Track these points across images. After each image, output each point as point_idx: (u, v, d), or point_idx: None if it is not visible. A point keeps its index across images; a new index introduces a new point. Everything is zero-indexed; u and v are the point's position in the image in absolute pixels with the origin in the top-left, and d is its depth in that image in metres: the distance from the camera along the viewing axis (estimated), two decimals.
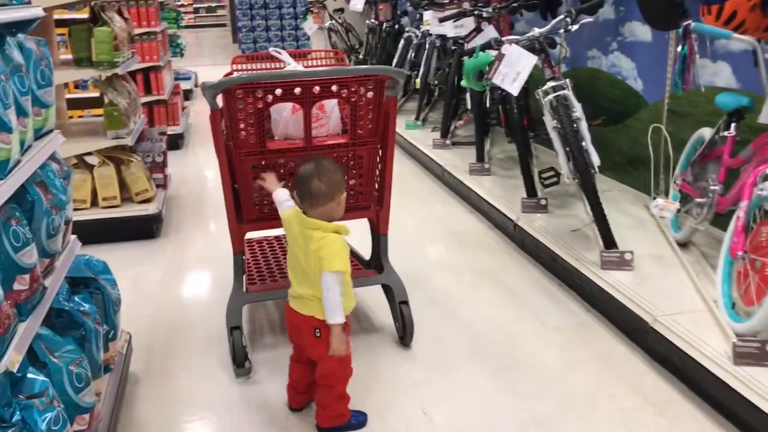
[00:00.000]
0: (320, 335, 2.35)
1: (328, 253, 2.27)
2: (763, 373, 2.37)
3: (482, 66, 3.80)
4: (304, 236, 2.36)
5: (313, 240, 2.31)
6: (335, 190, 2.36)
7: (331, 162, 2.45)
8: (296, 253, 2.40)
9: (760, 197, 2.61)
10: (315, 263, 2.30)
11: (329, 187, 2.35)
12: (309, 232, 2.34)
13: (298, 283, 2.41)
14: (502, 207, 4.29)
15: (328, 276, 2.27)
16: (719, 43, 3.56)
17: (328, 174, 2.35)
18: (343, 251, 2.30)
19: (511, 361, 2.90)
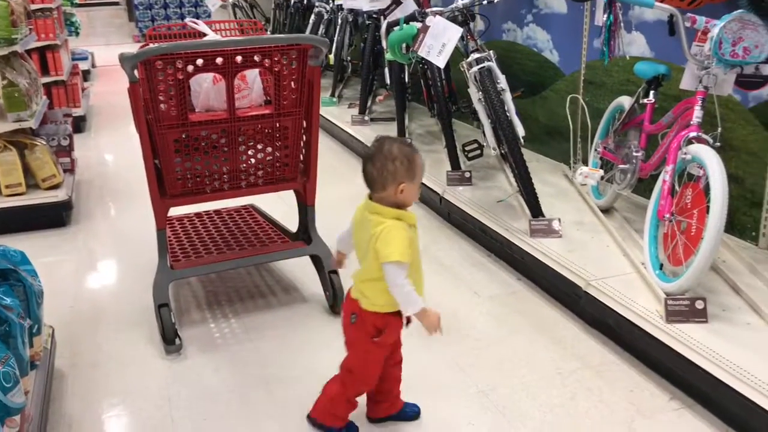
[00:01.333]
0: (354, 322, 2.15)
1: (384, 244, 2.00)
2: (694, 329, 2.46)
3: (407, 38, 3.75)
4: (363, 218, 2.12)
5: (370, 224, 2.06)
6: (388, 179, 2.01)
7: (399, 145, 2.04)
8: (354, 235, 2.19)
9: (684, 161, 2.69)
10: (371, 248, 2.05)
11: (381, 174, 2.02)
12: (368, 215, 2.08)
13: (360, 266, 2.18)
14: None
15: (387, 267, 2.00)
16: (634, 14, 3.66)
17: (382, 160, 2.02)
18: (402, 240, 2.01)
19: (448, 333, 2.89)
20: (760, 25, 2.58)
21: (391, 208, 2.05)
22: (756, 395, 2.11)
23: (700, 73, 2.72)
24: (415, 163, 2.04)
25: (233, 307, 3.14)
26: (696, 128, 2.68)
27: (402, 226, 2.03)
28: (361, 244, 2.14)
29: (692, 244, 2.55)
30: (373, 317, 2.11)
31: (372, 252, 2.04)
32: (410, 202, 2.09)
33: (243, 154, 2.87)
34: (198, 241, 3.27)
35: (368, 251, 2.07)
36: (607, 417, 2.34)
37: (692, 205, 2.62)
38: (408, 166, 2.02)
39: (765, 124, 3.00)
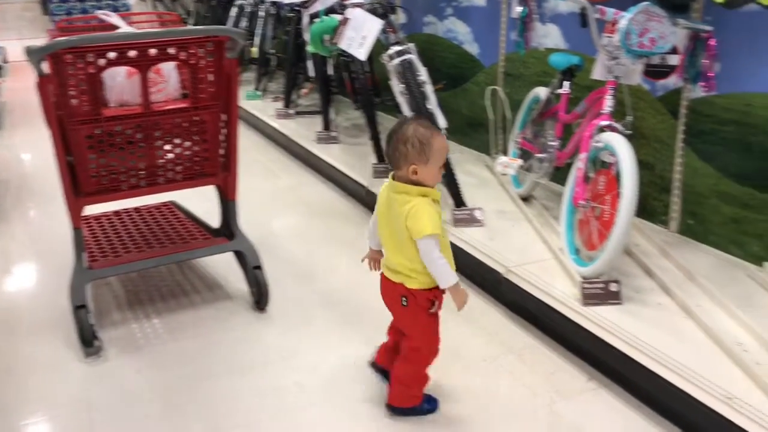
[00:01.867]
0: (407, 304, 2.20)
1: (414, 220, 2.06)
2: (609, 310, 2.55)
3: (328, 30, 3.74)
4: (389, 200, 2.17)
5: (397, 203, 2.12)
6: (400, 160, 2.10)
7: (415, 127, 2.10)
8: (382, 220, 2.23)
9: (596, 149, 2.79)
10: (402, 228, 2.11)
11: (394, 154, 2.12)
12: (393, 195, 2.14)
13: (389, 251, 2.24)
14: (353, 174, 4.29)
15: (422, 243, 2.07)
16: (548, 6, 3.75)
17: (395, 141, 2.11)
18: (431, 214, 2.08)
19: (376, 326, 2.90)
20: (664, 16, 2.69)
21: (414, 186, 2.10)
22: (667, 373, 2.21)
23: (610, 64, 2.82)
24: (430, 145, 2.08)
25: (155, 307, 3.08)
26: (607, 117, 2.77)
27: (428, 202, 2.10)
28: (390, 223, 2.19)
29: (606, 228, 2.64)
30: (425, 293, 2.18)
31: (405, 232, 2.10)
32: (430, 183, 2.13)
33: (160, 149, 2.80)
34: (116, 240, 3.18)
35: (400, 231, 2.12)
36: (530, 400, 2.41)
37: (605, 191, 2.72)
38: (420, 149, 2.07)
39: (672, 112, 3.13)
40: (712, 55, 2.75)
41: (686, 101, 3.05)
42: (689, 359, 2.24)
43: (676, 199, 3.18)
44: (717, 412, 2.03)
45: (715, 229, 3.02)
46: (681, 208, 3.17)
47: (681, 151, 3.11)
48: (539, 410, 2.35)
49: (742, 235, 2.91)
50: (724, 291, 2.62)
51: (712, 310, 2.54)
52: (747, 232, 2.89)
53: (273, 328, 2.90)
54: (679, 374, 2.18)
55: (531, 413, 2.33)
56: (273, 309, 3.01)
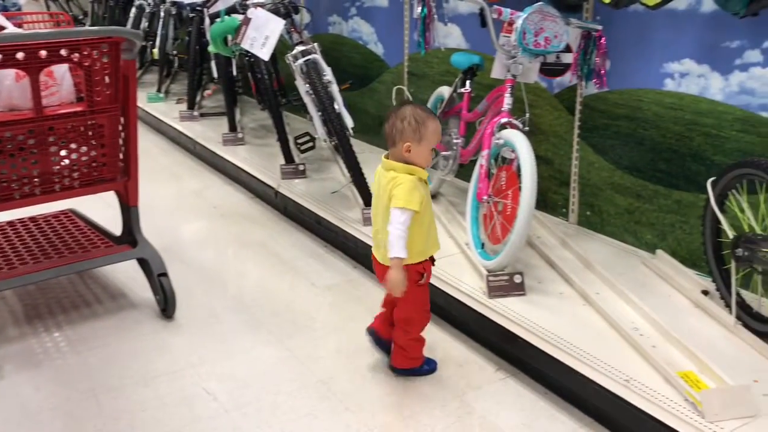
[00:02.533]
0: (422, 278, 2.38)
1: (397, 191, 2.22)
2: (513, 302, 2.63)
3: (229, 30, 3.68)
4: (378, 178, 2.33)
5: (384, 179, 2.29)
6: (396, 137, 2.27)
7: (413, 108, 2.29)
8: (375, 201, 2.39)
9: (498, 145, 2.86)
10: (387, 201, 2.25)
11: (391, 131, 2.29)
12: (383, 172, 2.31)
13: (379, 229, 2.36)
14: (262, 175, 4.24)
15: (393, 211, 2.22)
16: (449, 7, 3.83)
17: (393, 118, 2.29)
18: (413, 191, 2.22)
19: (288, 327, 2.90)
20: (557, 16, 2.80)
21: (403, 164, 2.26)
22: (569, 359, 2.30)
23: (508, 62, 2.90)
24: (425, 126, 2.25)
25: (56, 320, 2.95)
26: (507, 114, 2.86)
27: (413, 180, 2.25)
28: (379, 200, 2.34)
29: (508, 222, 2.72)
30: (413, 267, 2.33)
31: (388, 203, 2.25)
32: (421, 164, 2.28)
33: (55, 156, 2.69)
34: (11, 252, 3.02)
35: (387, 206, 2.26)
36: (440, 392, 2.45)
37: (507, 186, 2.80)
38: (415, 127, 2.25)
39: (569, 108, 3.26)
40: (603, 53, 2.89)
41: (581, 98, 3.19)
42: (589, 345, 2.34)
43: (574, 192, 3.31)
44: (616, 394, 2.13)
45: (611, 220, 3.17)
46: (579, 200, 3.30)
47: (577, 145, 3.25)
48: (450, 402, 2.39)
49: (636, 224, 3.06)
50: (620, 278, 2.75)
51: (609, 297, 2.66)
52: (640, 222, 3.04)
53: (181, 336, 2.83)
54: (581, 360, 2.27)
55: (442, 406, 2.37)
56: (181, 316, 2.95)
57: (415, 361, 2.53)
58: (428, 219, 2.35)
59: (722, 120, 2.66)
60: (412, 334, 2.47)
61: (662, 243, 2.95)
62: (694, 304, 2.60)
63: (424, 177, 2.31)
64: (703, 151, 2.74)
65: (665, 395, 2.07)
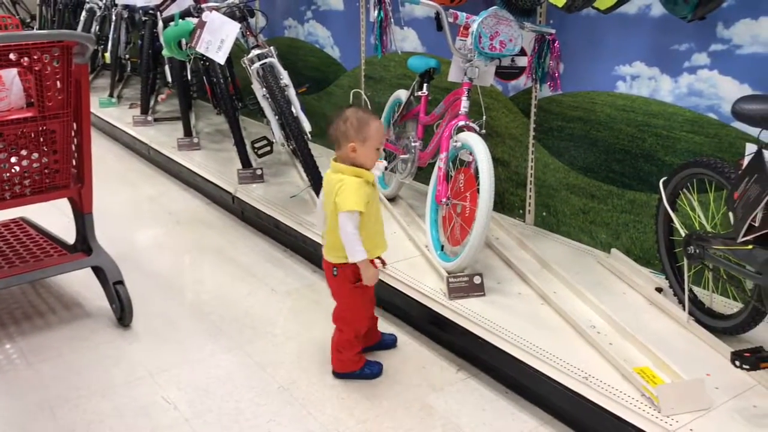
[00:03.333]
0: (336, 274, 2.41)
1: (342, 195, 2.27)
2: (473, 302, 2.65)
3: (184, 34, 3.64)
4: (328, 180, 2.38)
5: (332, 182, 2.33)
6: (341, 138, 2.33)
7: (355, 110, 2.35)
8: (325, 199, 2.41)
9: (455, 148, 2.89)
10: (332, 206, 2.30)
11: (335, 134, 2.34)
12: (331, 175, 2.36)
13: (327, 229, 2.41)
14: (218, 180, 4.20)
15: (342, 216, 2.26)
16: (405, 11, 3.85)
17: (337, 121, 2.34)
18: (358, 192, 2.27)
19: (248, 333, 2.87)
20: (512, 20, 2.84)
21: (350, 167, 2.31)
22: (528, 358, 2.33)
23: (465, 66, 2.93)
24: (368, 125, 2.30)
25: (7, 331, 2.87)
26: (464, 117, 2.88)
27: (359, 182, 2.29)
28: (329, 203, 2.36)
29: (467, 224, 2.75)
30: (352, 267, 2.36)
31: (334, 206, 2.30)
32: (366, 164, 2.33)
33: (5, 162, 2.62)
34: None
35: (329, 208, 2.33)
36: (403, 395, 2.45)
37: (465, 188, 2.83)
38: (358, 127, 2.30)
39: (524, 111, 3.31)
40: (557, 56, 2.94)
41: (535, 100, 3.23)
42: (548, 344, 2.38)
43: (531, 193, 3.36)
44: (575, 391, 2.16)
45: (567, 220, 3.22)
46: (535, 201, 3.35)
47: (533, 147, 3.30)
48: (412, 404, 2.40)
49: (591, 224, 3.12)
50: (577, 277, 2.79)
51: (566, 296, 2.70)
52: (595, 222, 3.10)
53: (138, 344, 2.78)
54: (540, 358, 2.30)
55: (404, 408, 2.38)
56: (138, 325, 2.90)
57: (353, 364, 2.53)
58: (373, 220, 2.39)
59: (672, 121, 2.73)
60: (345, 333, 2.49)
61: (617, 242, 3.02)
62: (648, 301, 2.66)
63: (371, 179, 2.36)
64: (655, 152, 2.81)
65: (623, 391, 2.11)
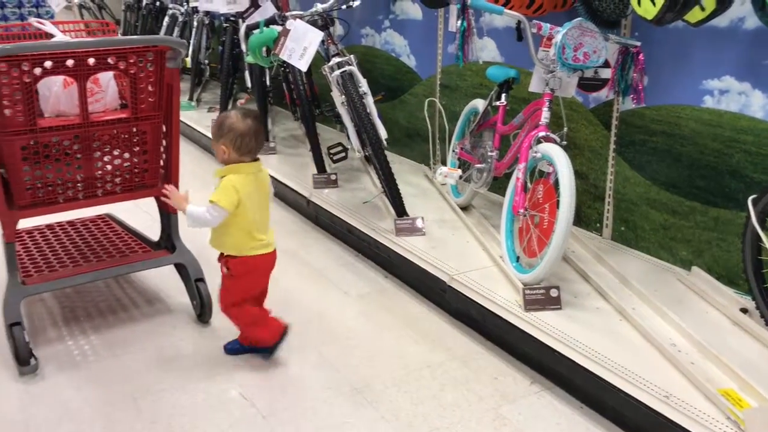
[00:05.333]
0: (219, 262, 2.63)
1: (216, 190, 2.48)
2: (550, 315, 2.63)
3: (268, 41, 3.73)
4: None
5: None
6: (215, 137, 2.53)
7: (236, 112, 2.53)
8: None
9: (534, 159, 2.87)
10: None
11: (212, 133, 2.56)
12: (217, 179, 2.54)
13: (266, 224, 2.65)
14: (294, 184, 4.28)
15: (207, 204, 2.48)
16: (485, 21, 3.85)
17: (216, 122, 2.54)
18: (224, 189, 2.46)
19: (322, 334, 2.92)
20: (596, 32, 2.81)
21: (227, 166, 2.51)
22: (606, 373, 2.29)
23: (546, 77, 2.92)
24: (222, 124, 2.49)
25: (93, 323, 2.99)
26: (544, 128, 2.87)
27: (233, 179, 2.47)
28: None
29: (545, 236, 2.72)
30: (225, 258, 2.59)
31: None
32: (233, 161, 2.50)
33: (98, 161, 2.74)
34: (51, 255, 3.08)
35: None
36: (475, 405, 2.45)
37: (543, 199, 2.81)
38: (224, 130, 2.49)
39: (604, 123, 3.26)
40: (641, 68, 2.89)
41: (617, 113, 3.19)
42: (627, 360, 2.33)
43: (609, 207, 3.30)
44: (656, 410, 2.12)
45: (646, 236, 3.16)
46: (613, 215, 3.30)
47: (613, 160, 3.25)
48: (485, 414, 2.40)
49: (672, 240, 3.05)
50: (656, 294, 2.74)
51: (645, 313, 2.65)
52: (676, 238, 3.03)
53: (217, 341, 2.85)
54: (619, 375, 2.27)
55: (477, 418, 2.38)
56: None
57: (263, 342, 2.67)
58: (255, 207, 2.54)
59: (763, 137, 2.65)
60: (237, 320, 2.66)
61: (698, 260, 2.94)
62: (732, 321, 2.59)
63: (252, 170, 2.53)
64: (743, 169, 2.73)
65: (706, 412, 2.06)
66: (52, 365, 2.67)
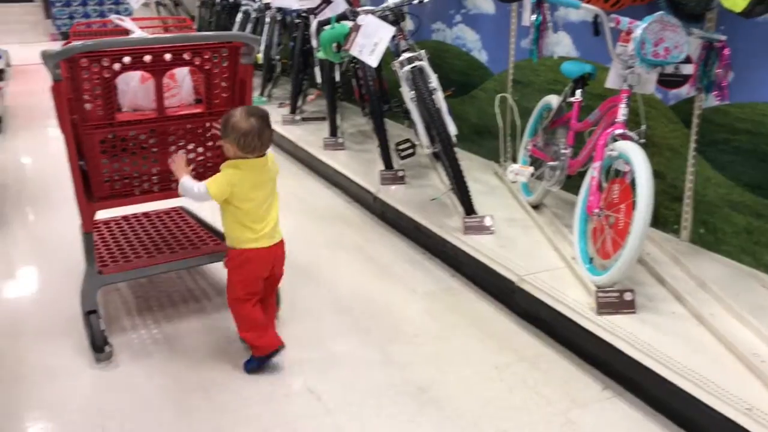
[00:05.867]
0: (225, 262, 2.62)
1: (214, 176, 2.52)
2: (623, 319, 2.54)
3: (339, 37, 3.74)
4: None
5: None
6: (221, 135, 2.51)
7: (242, 110, 2.47)
8: None
9: (611, 157, 2.78)
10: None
11: (220, 131, 2.54)
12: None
13: (269, 217, 2.60)
14: (361, 180, 4.28)
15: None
16: (559, 15, 3.76)
17: (222, 120, 2.51)
18: (221, 180, 2.48)
19: (388, 331, 2.91)
20: (678, 26, 2.69)
21: (230, 160, 2.50)
22: (684, 382, 2.20)
23: (625, 72, 2.82)
24: (227, 122, 2.45)
25: (165, 313, 3.06)
26: (621, 125, 2.77)
27: (230, 173, 2.48)
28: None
29: (620, 237, 2.63)
30: (228, 250, 2.60)
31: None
32: (236, 156, 2.48)
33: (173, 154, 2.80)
34: (126, 245, 3.16)
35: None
36: (544, 408, 2.39)
37: (619, 200, 2.71)
38: (227, 127, 2.45)
39: (685, 121, 3.13)
40: (726, 64, 2.76)
41: (699, 110, 3.05)
42: (705, 368, 2.24)
43: (688, 208, 3.17)
44: (736, 422, 2.02)
45: (727, 239, 3.02)
46: (692, 217, 3.16)
47: (693, 160, 3.11)
48: (554, 418, 2.34)
49: (755, 245, 2.90)
50: (737, 300, 2.61)
51: (725, 319, 2.53)
52: (760, 242, 2.88)
53: (285, 333, 2.84)
54: (696, 383, 2.17)
55: (546, 422, 2.32)
56: (284, 315, 2.99)
57: (254, 350, 2.61)
58: (244, 211, 2.50)
59: None
60: (237, 319, 2.61)
61: None
62: None
63: (252, 166, 2.49)
64: None
65: None
66: (125, 353, 2.74)
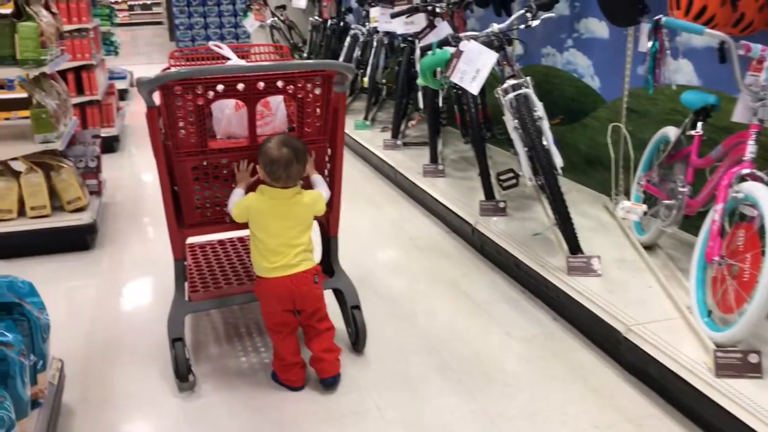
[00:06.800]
0: (317, 281, 2.61)
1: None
2: (746, 385, 2.24)
3: (440, 63, 3.62)
4: None
5: None
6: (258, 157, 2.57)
7: (278, 138, 2.53)
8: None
9: (735, 199, 2.49)
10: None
11: None
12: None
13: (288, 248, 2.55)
14: (459, 210, 4.12)
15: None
16: (680, 40, 3.47)
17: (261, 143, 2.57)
18: (242, 203, 2.57)
19: (477, 376, 2.72)
20: None
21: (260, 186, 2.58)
22: None
23: (755, 105, 2.52)
24: (262, 146, 2.53)
25: (253, 341, 3.01)
26: (749, 164, 2.48)
27: (251, 197, 2.57)
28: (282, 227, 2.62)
29: (745, 290, 2.34)
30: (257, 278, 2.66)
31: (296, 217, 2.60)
32: (262, 179, 2.56)
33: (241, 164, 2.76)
34: (219, 271, 3.15)
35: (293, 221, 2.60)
36: None
37: (745, 248, 2.41)
38: (259, 151, 2.54)
39: None
40: None
41: None
42: None
43: None
44: None
45: None
46: None
47: None
48: None
49: None
50: None
51: None
52: None
53: (369, 372, 2.75)
54: None
55: None
56: (370, 352, 2.88)
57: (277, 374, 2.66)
58: (259, 239, 2.54)
59: None
60: (274, 347, 2.65)
61: None
62: None
63: (274, 195, 2.53)
64: None
65: None
66: (209, 383, 2.70)
